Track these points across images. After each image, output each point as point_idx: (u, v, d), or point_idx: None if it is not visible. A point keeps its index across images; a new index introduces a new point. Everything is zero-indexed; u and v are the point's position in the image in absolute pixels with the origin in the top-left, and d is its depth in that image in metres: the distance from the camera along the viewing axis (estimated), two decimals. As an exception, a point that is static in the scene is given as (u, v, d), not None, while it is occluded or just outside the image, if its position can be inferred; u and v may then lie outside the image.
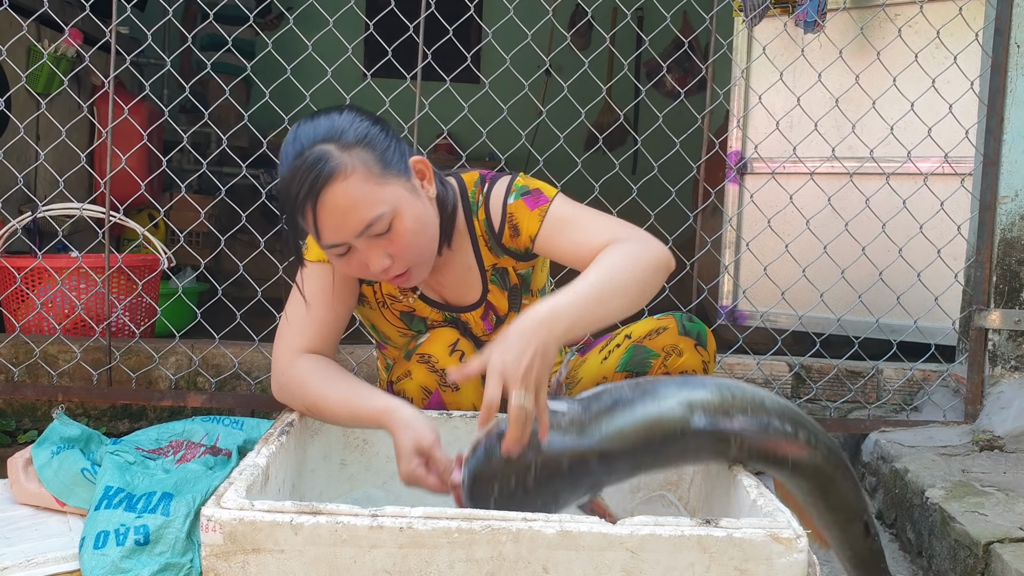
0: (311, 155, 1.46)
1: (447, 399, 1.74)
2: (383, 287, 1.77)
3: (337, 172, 1.46)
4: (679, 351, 1.77)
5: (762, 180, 3.07)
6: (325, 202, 1.46)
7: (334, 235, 1.49)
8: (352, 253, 1.53)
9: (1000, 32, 2.44)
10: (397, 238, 1.52)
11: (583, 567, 1.13)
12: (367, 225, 1.48)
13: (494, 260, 1.76)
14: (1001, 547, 1.65)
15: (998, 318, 2.46)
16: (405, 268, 1.56)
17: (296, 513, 1.12)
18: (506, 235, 1.71)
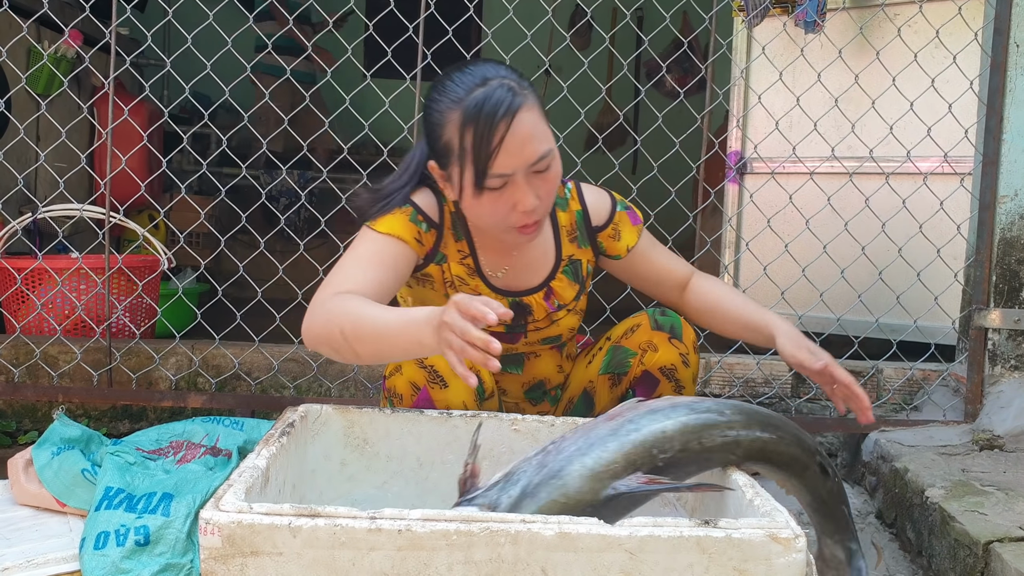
0: (503, 83, 1.56)
1: (435, 396, 1.74)
2: (452, 268, 1.79)
3: (526, 101, 1.57)
4: (654, 346, 1.82)
5: (762, 180, 3.07)
6: (518, 122, 1.54)
7: (510, 161, 1.55)
8: (506, 189, 1.58)
9: (999, 32, 2.44)
10: (552, 179, 1.62)
11: (582, 569, 1.13)
12: (540, 157, 1.57)
13: (572, 251, 1.86)
14: (1001, 546, 1.65)
15: (998, 317, 2.46)
16: (543, 215, 1.64)
17: (294, 516, 1.12)
18: (606, 233, 1.87)
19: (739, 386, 2.65)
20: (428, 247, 1.76)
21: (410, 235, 1.71)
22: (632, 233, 1.89)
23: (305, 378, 2.56)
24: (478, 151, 1.55)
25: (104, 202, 2.48)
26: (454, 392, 1.75)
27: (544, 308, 1.85)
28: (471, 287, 1.81)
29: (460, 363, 1.32)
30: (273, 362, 2.56)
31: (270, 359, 2.57)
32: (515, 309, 1.83)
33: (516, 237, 1.67)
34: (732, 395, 2.65)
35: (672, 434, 1.31)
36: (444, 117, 1.59)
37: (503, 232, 1.66)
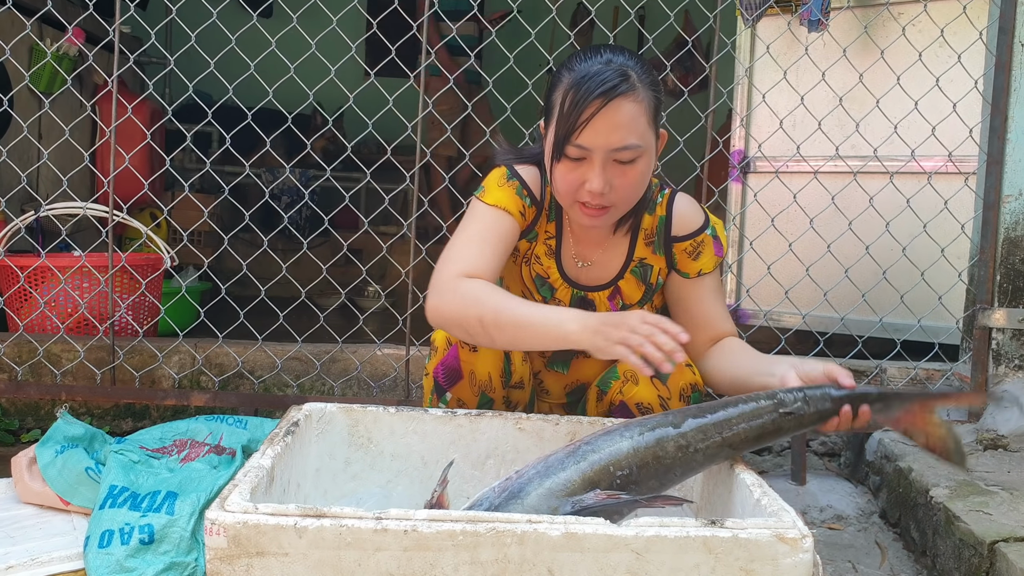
0: (619, 67, 1.61)
1: (463, 356, 1.76)
2: (537, 245, 1.84)
3: (633, 91, 1.60)
4: (635, 379, 1.77)
5: (766, 179, 3.07)
6: (615, 105, 1.58)
7: (594, 137, 1.59)
8: (582, 165, 1.62)
9: (1004, 31, 2.44)
10: (629, 175, 1.64)
11: (588, 569, 1.13)
12: (625, 146, 1.60)
13: (645, 255, 1.85)
14: (1006, 546, 1.65)
15: (1002, 317, 2.45)
16: (611, 204, 1.66)
17: (300, 516, 1.12)
18: (684, 246, 1.84)
19: (742, 385, 2.64)
20: (528, 221, 1.82)
21: (516, 208, 1.78)
22: (710, 260, 1.84)
23: (308, 377, 2.56)
24: (568, 116, 1.60)
25: (107, 200, 2.48)
26: (481, 358, 1.76)
27: (607, 307, 1.86)
28: (543, 267, 1.85)
29: (634, 355, 1.40)
30: (276, 360, 2.56)
31: (273, 357, 2.57)
32: (578, 304, 1.85)
33: (579, 216, 1.69)
34: (735, 394, 2.65)
35: (627, 452, 1.36)
36: (560, 78, 1.66)
37: (569, 206, 1.69)
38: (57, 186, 2.53)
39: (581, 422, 1.68)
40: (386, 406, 1.71)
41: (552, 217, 1.84)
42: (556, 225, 1.84)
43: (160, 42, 2.89)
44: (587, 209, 1.66)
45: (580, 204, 1.66)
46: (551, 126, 1.67)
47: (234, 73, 2.59)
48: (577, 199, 1.66)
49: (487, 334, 1.57)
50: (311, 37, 2.47)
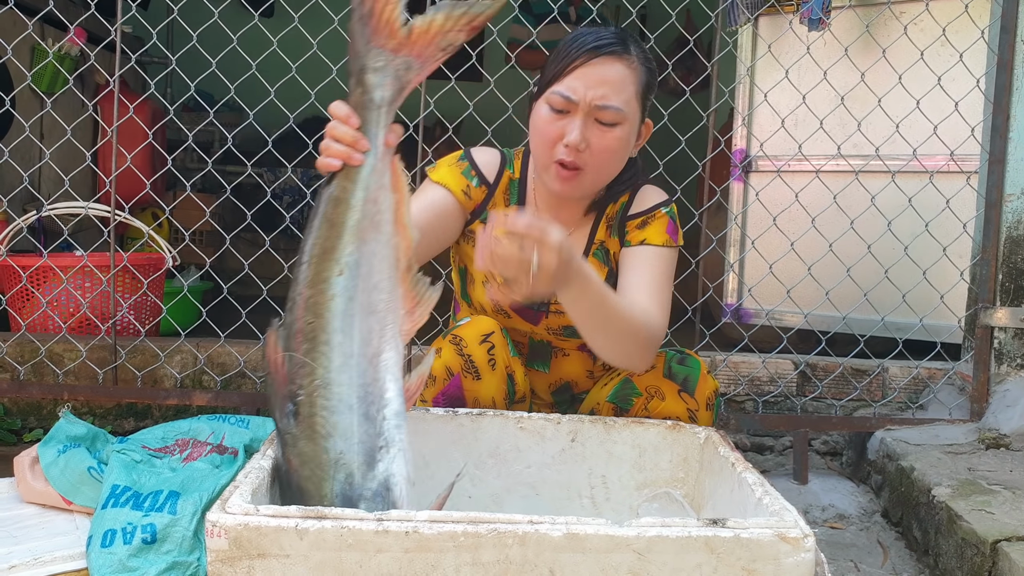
0: (616, 32, 1.67)
1: (467, 385, 1.76)
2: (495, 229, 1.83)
3: (627, 55, 1.65)
4: (661, 394, 1.76)
5: (767, 178, 3.06)
6: (603, 62, 1.62)
7: (578, 87, 1.62)
8: (565, 118, 1.64)
9: (1006, 29, 2.44)
10: (606, 139, 1.66)
11: (590, 569, 1.12)
12: (608, 106, 1.63)
13: (604, 238, 1.86)
14: (1008, 545, 1.65)
15: (1004, 316, 2.45)
16: (583, 166, 1.67)
17: (301, 518, 1.12)
18: (635, 222, 1.83)
19: (744, 384, 2.64)
20: (476, 202, 1.83)
21: (458, 187, 1.81)
22: (658, 235, 1.81)
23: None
24: (558, 62, 1.64)
25: (109, 200, 2.48)
26: (485, 386, 1.76)
27: None
28: None
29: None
30: (278, 360, 2.55)
31: (275, 357, 2.57)
32: None
33: (553, 179, 1.69)
34: (737, 393, 2.65)
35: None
36: (560, 43, 1.70)
37: (545, 167, 1.70)
38: (59, 186, 2.53)
39: (583, 421, 1.69)
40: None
41: (514, 200, 1.86)
42: (519, 209, 1.84)
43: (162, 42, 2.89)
44: (561, 167, 1.67)
45: (556, 164, 1.67)
46: (543, 76, 1.70)
47: (236, 73, 2.59)
48: (554, 156, 1.67)
49: None
50: (313, 37, 2.47)
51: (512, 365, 1.82)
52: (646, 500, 1.68)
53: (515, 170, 1.86)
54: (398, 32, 1.34)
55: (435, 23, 1.35)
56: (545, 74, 1.68)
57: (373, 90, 1.34)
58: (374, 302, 1.34)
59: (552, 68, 1.66)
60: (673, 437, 1.69)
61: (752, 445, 2.72)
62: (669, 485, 1.70)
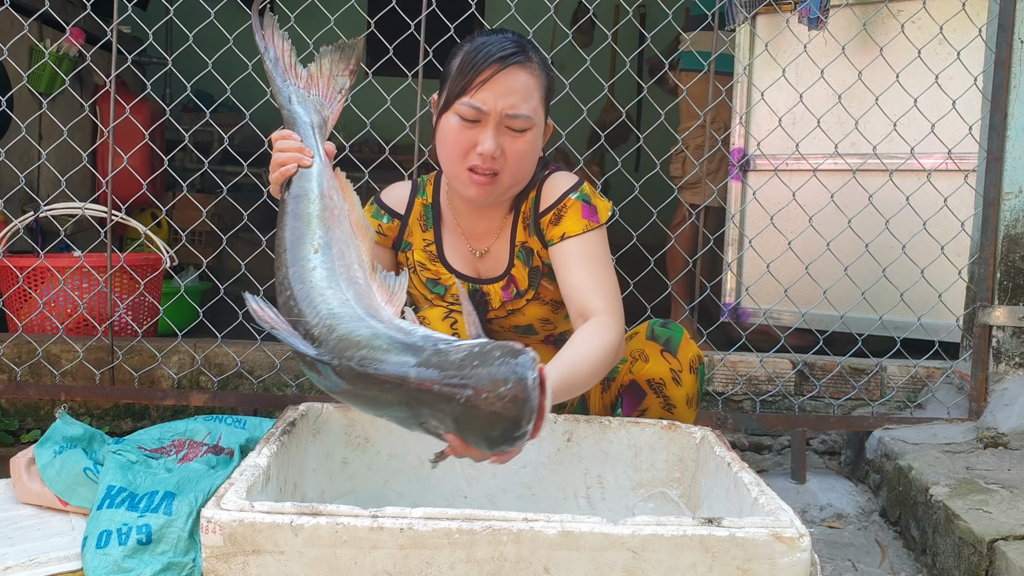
0: (516, 40, 1.69)
1: None
2: (415, 255, 1.89)
3: (530, 64, 1.68)
4: (645, 356, 1.79)
5: (765, 177, 3.06)
6: (510, 72, 1.65)
7: (488, 99, 1.64)
8: (476, 128, 1.66)
9: (1004, 28, 2.43)
10: (519, 144, 1.69)
11: (584, 567, 1.12)
12: (518, 114, 1.66)
13: (525, 238, 1.85)
14: (1005, 544, 1.64)
15: (1002, 315, 2.45)
16: (498, 171, 1.69)
17: (296, 514, 1.12)
18: (548, 218, 1.80)
19: (742, 384, 2.64)
20: (392, 236, 1.90)
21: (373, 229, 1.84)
22: (575, 224, 1.75)
23: (307, 376, 2.56)
24: (465, 73, 1.66)
25: (106, 200, 2.48)
26: None
27: (501, 296, 1.87)
28: (432, 272, 1.89)
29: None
30: (275, 360, 2.56)
31: (272, 357, 2.57)
32: (473, 296, 1.88)
33: (467, 185, 1.71)
34: (735, 393, 2.65)
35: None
36: (458, 51, 1.72)
37: (456, 176, 1.72)
38: (57, 186, 2.52)
39: (579, 420, 1.68)
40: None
41: (428, 226, 1.89)
42: (435, 232, 1.88)
43: (160, 42, 2.89)
44: (476, 176, 1.68)
45: (469, 171, 1.69)
46: (444, 90, 1.71)
47: (233, 73, 2.59)
48: (467, 164, 1.68)
49: None
50: (309, 37, 2.47)
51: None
52: (642, 500, 1.68)
53: (427, 195, 1.90)
54: (301, 75, 1.65)
55: (323, 67, 1.66)
56: (452, 86, 1.68)
57: (302, 116, 1.61)
58: (353, 276, 1.45)
59: (459, 80, 1.66)
60: (669, 437, 1.69)
61: (750, 444, 2.71)
62: (665, 485, 1.70)
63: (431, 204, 1.89)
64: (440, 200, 1.90)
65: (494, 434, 1.22)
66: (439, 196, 1.90)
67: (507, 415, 1.20)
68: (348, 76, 1.69)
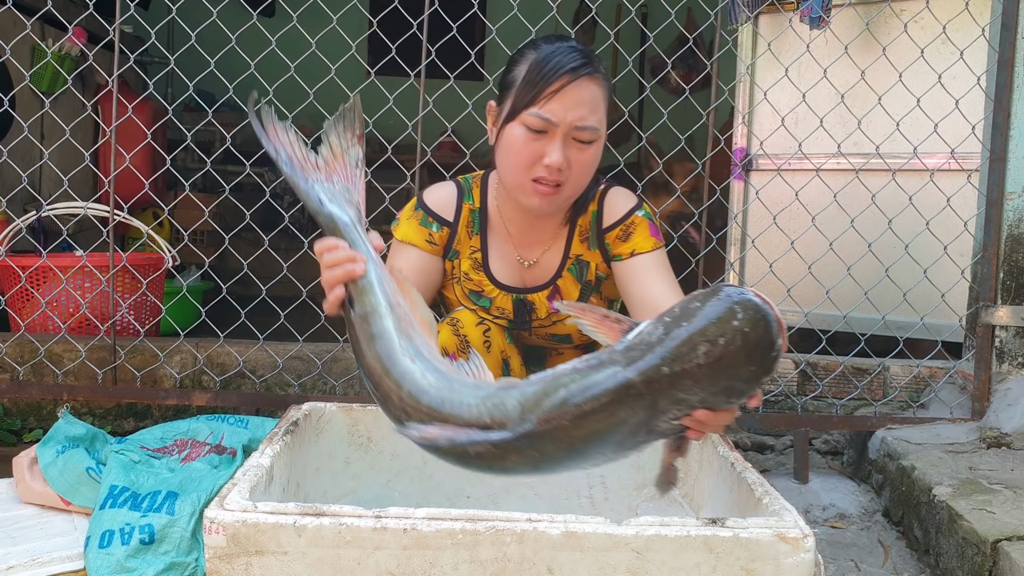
0: (583, 50, 1.67)
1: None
2: (461, 264, 1.86)
3: (597, 75, 1.67)
4: None
5: (767, 177, 3.06)
6: (580, 84, 1.63)
7: (558, 110, 1.62)
8: (543, 139, 1.64)
9: (1007, 27, 2.43)
10: (584, 156, 1.67)
11: (588, 568, 1.12)
12: (586, 126, 1.65)
13: (581, 251, 1.84)
14: (1009, 545, 1.64)
15: (1005, 314, 2.44)
16: (563, 182, 1.67)
17: (299, 515, 1.12)
18: (614, 234, 1.82)
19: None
20: (442, 244, 1.86)
21: (421, 239, 1.83)
22: (645, 241, 1.80)
23: (310, 376, 2.56)
24: (534, 84, 1.63)
25: (108, 200, 2.48)
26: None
27: (547, 307, 1.86)
28: (475, 282, 1.85)
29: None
30: (277, 360, 2.56)
31: (274, 357, 2.57)
32: (518, 306, 1.85)
33: (529, 195, 1.68)
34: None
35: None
36: (522, 56, 1.70)
37: (520, 187, 1.69)
38: (59, 186, 2.53)
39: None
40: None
41: (476, 231, 1.86)
42: (481, 238, 1.85)
43: (162, 42, 2.89)
44: (540, 187, 1.67)
45: (533, 181, 1.67)
46: (508, 99, 1.68)
47: (235, 72, 2.59)
48: (532, 175, 1.66)
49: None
50: (312, 36, 2.47)
51: (508, 352, 1.85)
52: (645, 500, 1.68)
53: (474, 199, 1.87)
54: (319, 164, 1.48)
55: (333, 145, 1.50)
56: (518, 96, 1.65)
57: (340, 216, 1.43)
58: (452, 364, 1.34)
59: (527, 90, 1.64)
60: (673, 436, 1.68)
61: (753, 444, 2.71)
62: (669, 485, 1.69)
63: (478, 209, 1.86)
64: (488, 205, 1.86)
65: (753, 367, 1.14)
66: (487, 200, 1.86)
67: (758, 337, 1.12)
68: (358, 143, 1.55)
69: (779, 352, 1.15)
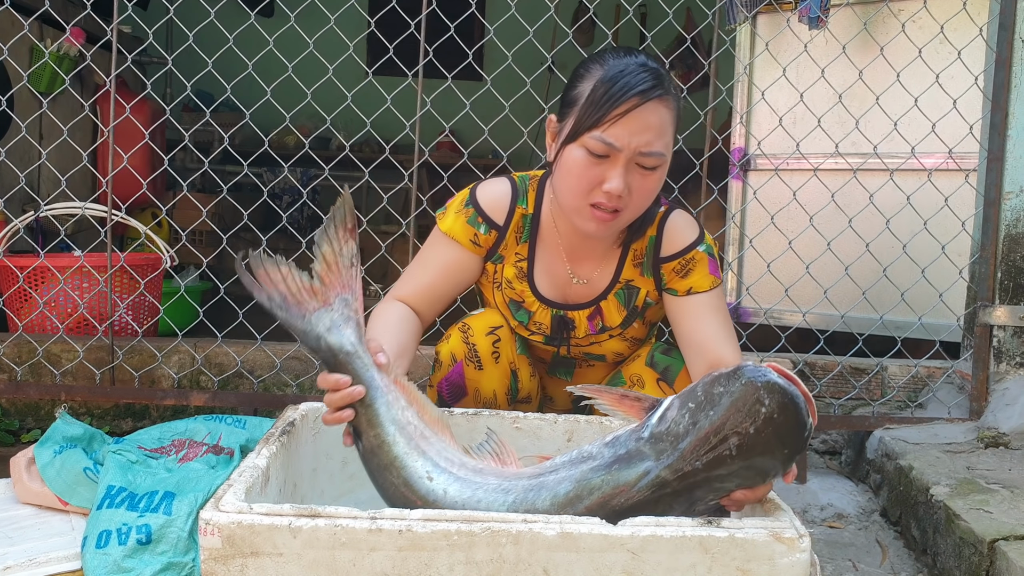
0: (654, 69, 1.55)
1: (468, 373, 1.77)
2: (505, 270, 1.80)
3: (667, 97, 1.56)
4: (641, 382, 1.76)
5: (765, 176, 3.06)
6: (649, 107, 1.52)
7: (623, 135, 1.52)
8: (604, 163, 1.55)
9: (1004, 27, 2.43)
10: (648, 182, 1.58)
11: (584, 569, 1.12)
12: (652, 152, 1.54)
13: (632, 276, 1.78)
14: (1006, 544, 1.64)
15: (1003, 314, 2.45)
16: (622, 209, 1.59)
17: (294, 516, 1.12)
18: (672, 266, 1.74)
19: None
20: (487, 247, 1.79)
21: (466, 237, 1.76)
22: (703, 279, 1.73)
23: (308, 376, 2.56)
24: (600, 106, 1.52)
25: (106, 200, 2.48)
26: (487, 377, 1.76)
27: (587, 327, 1.81)
28: (517, 291, 1.80)
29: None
30: (275, 360, 2.56)
31: (272, 357, 2.57)
32: (558, 322, 1.80)
33: (587, 219, 1.61)
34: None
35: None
36: (588, 71, 1.59)
37: (576, 210, 1.61)
38: (57, 186, 2.53)
39: (579, 421, 1.68)
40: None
41: (525, 237, 1.79)
42: (530, 246, 1.78)
43: (160, 42, 2.89)
44: (598, 212, 1.58)
45: (591, 206, 1.59)
46: (571, 117, 1.58)
47: (234, 72, 2.59)
48: (590, 200, 1.58)
49: None
50: (310, 36, 2.47)
51: (517, 363, 1.81)
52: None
53: (528, 203, 1.77)
54: (313, 288, 1.41)
55: (326, 254, 1.42)
56: (581, 116, 1.55)
57: (341, 347, 1.39)
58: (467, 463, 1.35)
59: (591, 111, 1.53)
60: (670, 436, 1.68)
61: (751, 444, 2.71)
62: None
63: (531, 215, 1.78)
64: (542, 212, 1.78)
65: (786, 450, 1.17)
66: (540, 207, 1.78)
67: (788, 422, 1.14)
68: (352, 238, 1.46)
69: (811, 430, 1.18)
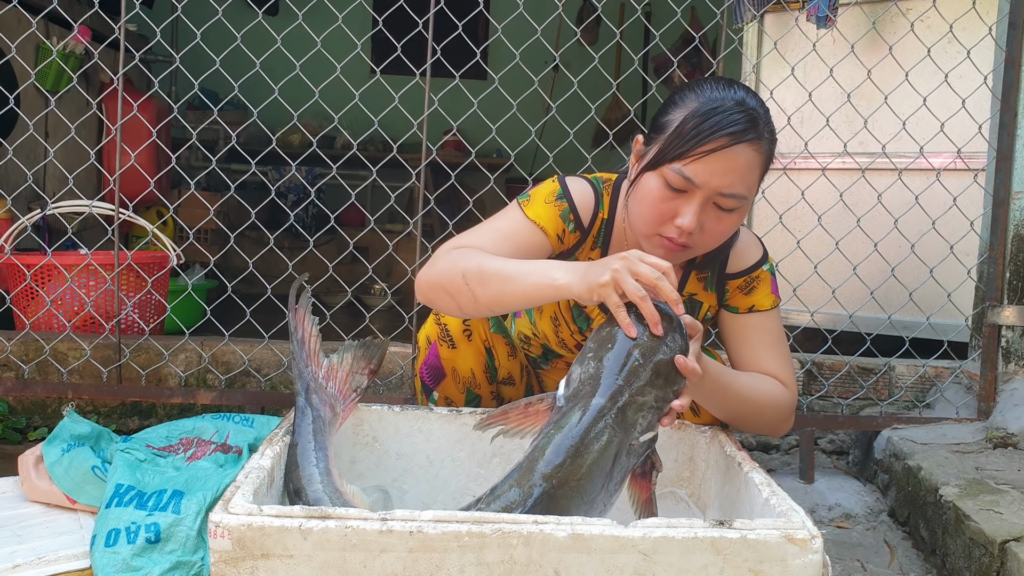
0: (750, 109, 1.51)
1: (442, 353, 1.78)
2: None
3: (759, 141, 1.51)
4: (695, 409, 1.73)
5: (773, 176, 3.04)
6: (738, 149, 1.48)
7: (707, 175, 1.48)
8: (679, 197, 1.52)
9: (1014, 26, 2.42)
10: (724, 223, 1.55)
11: (595, 570, 1.12)
12: (732, 194, 1.51)
13: (696, 291, 1.76)
14: (1017, 545, 1.64)
15: (1012, 314, 2.44)
16: (692, 246, 1.57)
17: (305, 518, 1.11)
18: (737, 283, 1.74)
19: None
20: (567, 247, 1.73)
21: (554, 230, 1.69)
22: (765, 299, 1.73)
23: (314, 375, 2.55)
24: (687, 139, 1.48)
25: (113, 198, 2.48)
26: (462, 355, 1.77)
27: None
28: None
29: (622, 307, 1.37)
30: (283, 358, 2.55)
31: (280, 355, 2.57)
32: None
33: (654, 248, 1.57)
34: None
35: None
36: (683, 99, 1.55)
37: (646, 236, 1.58)
38: (63, 184, 2.53)
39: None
40: (391, 405, 1.71)
41: (598, 244, 1.75)
42: (602, 253, 1.75)
43: (166, 40, 2.88)
44: (667, 243, 1.55)
45: (660, 236, 1.55)
46: (656, 143, 1.54)
47: (240, 71, 2.59)
48: (658, 231, 1.55)
49: (470, 292, 1.48)
50: (317, 35, 2.47)
51: (491, 340, 1.81)
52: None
53: (604, 208, 1.73)
54: (323, 363, 1.63)
55: (345, 360, 1.65)
56: (666, 146, 1.51)
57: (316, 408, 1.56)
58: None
59: (676, 143, 1.49)
60: (679, 436, 1.69)
61: (758, 444, 2.71)
62: (675, 484, 1.70)
63: (607, 220, 1.74)
64: (615, 219, 1.74)
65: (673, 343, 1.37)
66: (614, 213, 1.74)
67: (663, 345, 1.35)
68: (368, 376, 1.63)
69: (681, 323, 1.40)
